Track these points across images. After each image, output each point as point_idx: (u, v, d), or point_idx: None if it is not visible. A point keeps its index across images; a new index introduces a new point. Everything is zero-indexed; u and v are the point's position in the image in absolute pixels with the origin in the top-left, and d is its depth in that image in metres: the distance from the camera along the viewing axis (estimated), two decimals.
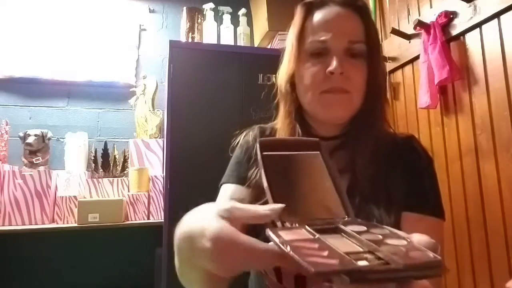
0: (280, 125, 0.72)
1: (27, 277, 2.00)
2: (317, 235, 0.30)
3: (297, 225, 0.32)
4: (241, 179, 0.71)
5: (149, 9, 2.48)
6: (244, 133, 0.78)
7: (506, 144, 1.06)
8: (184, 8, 2.18)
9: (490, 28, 1.11)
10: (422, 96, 1.30)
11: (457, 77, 1.20)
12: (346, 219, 0.35)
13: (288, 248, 0.27)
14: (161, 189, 1.98)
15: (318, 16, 0.66)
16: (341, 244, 0.29)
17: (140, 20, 2.44)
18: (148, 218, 1.96)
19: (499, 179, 1.07)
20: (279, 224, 0.34)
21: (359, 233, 0.31)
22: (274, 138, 0.67)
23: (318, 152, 0.41)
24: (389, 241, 0.29)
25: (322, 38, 0.63)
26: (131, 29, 2.39)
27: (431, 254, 0.27)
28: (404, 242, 0.29)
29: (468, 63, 1.19)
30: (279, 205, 0.33)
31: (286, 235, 0.30)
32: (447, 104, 1.28)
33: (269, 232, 0.30)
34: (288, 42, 0.70)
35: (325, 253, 0.26)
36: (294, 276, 0.57)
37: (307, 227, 0.31)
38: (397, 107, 1.56)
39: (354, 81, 0.63)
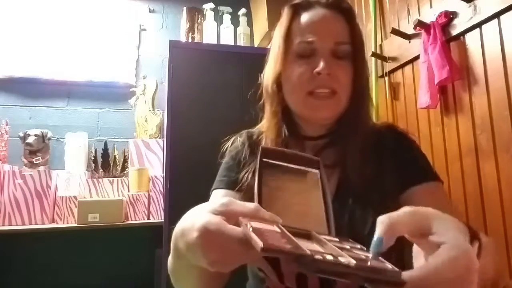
0: (267, 125, 0.73)
1: (27, 277, 2.00)
2: (286, 232, 0.31)
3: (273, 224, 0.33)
4: (231, 184, 0.72)
5: (149, 9, 2.48)
6: (232, 139, 0.79)
7: (506, 144, 1.06)
8: (184, 8, 2.18)
9: (490, 28, 1.11)
10: (422, 96, 1.30)
11: (457, 77, 1.20)
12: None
13: (250, 229, 0.28)
14: (161, 189, 1.98)
15: (304, 17, 0.67)
16: (306, 244, 0.30)
17: (140, 20, 2.44)
18: (148, 218, 1.96)
19: (499, 179, 1.07)
20: None
21: (330, 241, 0.32)
22: (277, 148, 0.68)
23: (317, 171, 0.42)
24: (356, 251, 0.30)
25: (309, 39, 0.65)
26: (131, 29, 2.39)
27: (389, 266, 0.28)
28: (369, 255, 0.30)
29: (468, 63, 1.19)
30: (279, 219, 0.33)
31: (256, 224, 0.30)
32: (447, 104, 1.28)
33: (241, 219, 0.31)
34: (275, 42, 0.71)
35: (284, 240, 0.27)
36: (296, 276, 0.57)
37: (280, 225, 0.32)
38: (397, 107, 1.56)
39: (341, 81, 0.65)
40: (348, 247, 0.31)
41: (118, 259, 2.12)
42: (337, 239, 0.33)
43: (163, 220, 1.73)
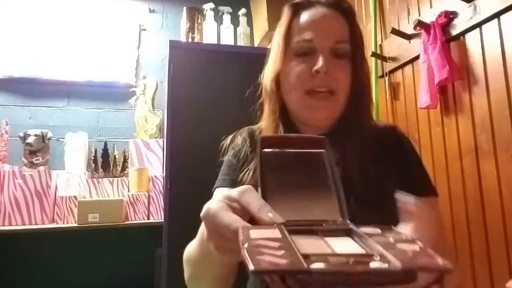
0: (265, 123, 0.73)
1: (27, 277, 2.00)
2: (287, 235, 0.28)
3: (274, 224, 0.31)
4: (234, 183, 0.71)
5: (149, 9, 2.48)
6: (231, 136, 0.79)
7: (506, 144, 1.06)
8: (184, 8, 2.18)
9: (490, 28, 1.11)
10: (422, 96, 1.30)
11: (457, 77, 1.20)
12: (342, 221, 0.34)
13: (246, 245, 0.26)
14: (161, 189, 1.98)
15: (304, 16, 0.67)
16: (309, 246, 0.28)
17: (140, 20, 2.44)
18: (148, 218, 1.96)
19: (499, 179, 1.07)
20: None
21: (371, 235, 0.29)
22: (277, 135, 0.66)
23: (323, 150, 0.39)
24: (401, 245, 0.27)
25: (308, 37, 0.65)
26: (131, 29, 2.39)
27: (439, 261, 0.24)
28: (417, 248, 0.27)
29: (468, 63, 1.19)
30: (281, 219, 0.32)
31: (254, 233, 0.29)
32: (447, 104, 1.28)
33: (240, 230, 0.29)
34: (275, 41, 0.72)
35: (280, 253, 0.25)
36: None
37: (283, 227, 0.30)
38: (397, 107, 1.56)
39: (339, 81, 0.65)
40: (392, 240, 0.28)
41: (118, 259, 2.12)
42: (379, 231, 0.30)
43: (163, 220, 1.72)
